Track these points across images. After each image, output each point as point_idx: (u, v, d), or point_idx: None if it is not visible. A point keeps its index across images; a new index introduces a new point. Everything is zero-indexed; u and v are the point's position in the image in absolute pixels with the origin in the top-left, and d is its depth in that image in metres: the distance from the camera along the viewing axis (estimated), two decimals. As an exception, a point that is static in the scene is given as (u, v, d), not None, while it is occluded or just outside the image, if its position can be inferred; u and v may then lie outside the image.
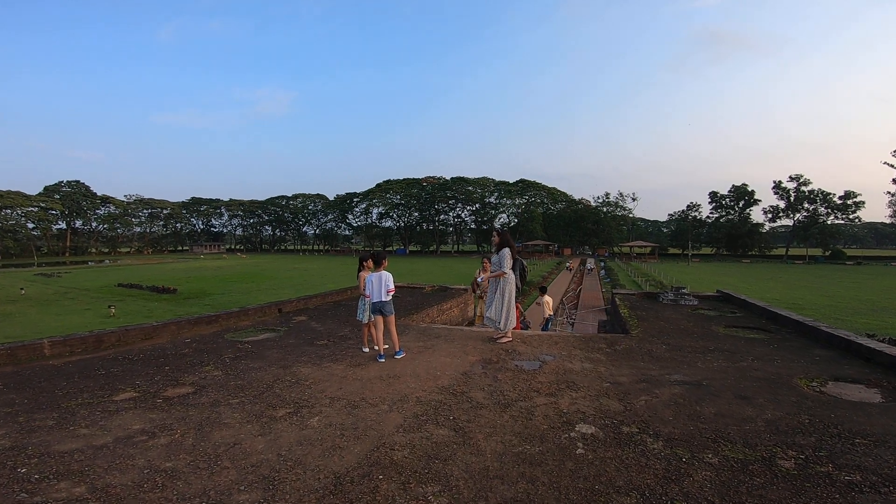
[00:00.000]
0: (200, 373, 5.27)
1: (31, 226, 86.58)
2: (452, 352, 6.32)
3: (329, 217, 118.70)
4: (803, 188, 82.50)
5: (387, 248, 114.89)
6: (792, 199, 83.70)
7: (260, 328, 7.96)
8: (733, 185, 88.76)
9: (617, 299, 10.35)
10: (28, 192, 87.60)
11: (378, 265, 6.03)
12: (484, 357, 6.02)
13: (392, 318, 5.94)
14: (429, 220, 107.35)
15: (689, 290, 10.96)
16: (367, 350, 6.36)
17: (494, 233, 6.92)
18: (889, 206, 74.16)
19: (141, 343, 6.63)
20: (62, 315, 23.37)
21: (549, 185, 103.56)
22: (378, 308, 5.86)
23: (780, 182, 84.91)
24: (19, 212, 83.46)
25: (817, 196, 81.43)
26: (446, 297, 11.99)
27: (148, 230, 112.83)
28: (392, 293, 5.91)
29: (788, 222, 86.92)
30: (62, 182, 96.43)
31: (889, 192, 73.30)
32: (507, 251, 6.62)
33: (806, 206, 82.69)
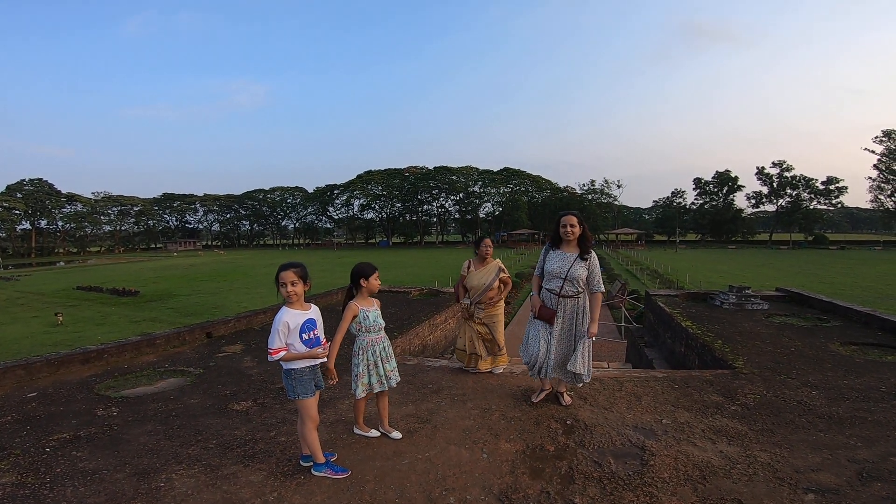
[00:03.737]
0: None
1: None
2: (469, 429, 3.65)
3: (309, 210, 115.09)
4: (786, 174, 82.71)
5: (369, 241, 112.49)
6: (775, 184, 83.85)
7: (164, 368, 5.41)
8: (717, 172, 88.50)
9: (663, 305, 8.37)
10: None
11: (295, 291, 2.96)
12: (529, 443, 3.41)
13: (298, 407, 3.02)
14: (412, 210, 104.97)
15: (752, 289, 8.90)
16: (363, 433, 3.66)
17: (573, 221, 3.97)
18: (870, 191, 75.07)
19: (-40, 397, 4.23)
20: (5, 324, 20.93)
21: (534, 174, 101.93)
22: None
23: (762, 168, 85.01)
24: (-20, 213, 78.77)
25: (800, 182, 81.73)
26: (438, 304, 9.96)
27: (119, 228, 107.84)
28: (278, 356, 2.88)
29: (771, 208, 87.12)
30: (24, 180, 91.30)
31: (870, 178, 74.15)
32: (596, 258, 4.05)
33: (789, 191, 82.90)
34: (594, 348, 4.23)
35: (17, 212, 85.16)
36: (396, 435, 3.59)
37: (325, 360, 3.11)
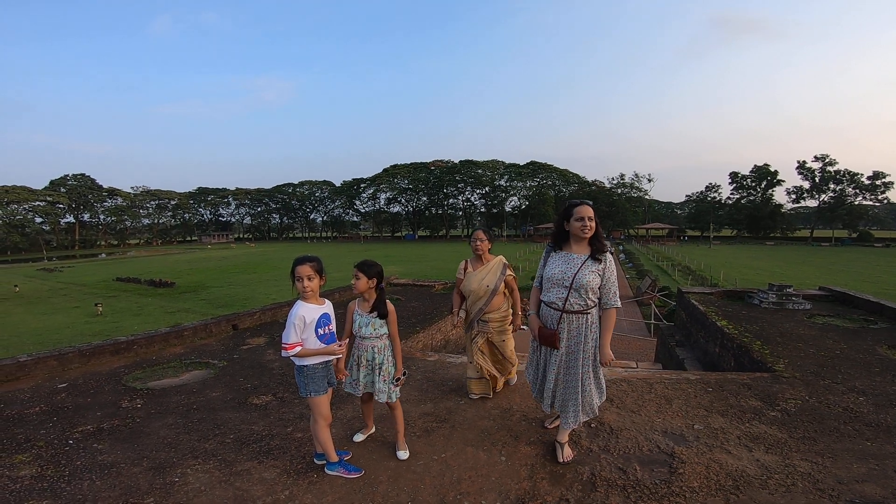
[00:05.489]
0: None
1: (39, 220, 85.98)
2: (488, 429, 3.50)
3: (336, 203, 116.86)
4: (829, 168, 78.74)
5: (395, 234, 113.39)
6: (817, 179, 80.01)
7: (190, 360, 5.45)
8: (755, 166, 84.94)
9: (696, 302, 8.04)
10: (34, 187, 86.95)
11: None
12: (550, 446, 3.23)
13: (310, 404, 2.94)
14: (437, 204, 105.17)
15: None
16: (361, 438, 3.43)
17: (591, 213, 2.93)
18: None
19: (-6, 386, 4.37)
20: (48, 314, 21.93)
21: (561, 167, 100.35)
22: None
23: (804, 162, 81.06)
24: (26, 206, 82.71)
25: (844, 176, 77.74)
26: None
27: (156, 221, 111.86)
28: (293, 352, 2.79)
29: (812, 203, 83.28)
30: (67, 176, 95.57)
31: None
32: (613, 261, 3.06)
33: (832, 186, 79.03)
34: (621, 347, 3.89)
35: (60, 206, 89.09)
36: (402, 455, 3.18)
37: (341, 356, 3.04)
